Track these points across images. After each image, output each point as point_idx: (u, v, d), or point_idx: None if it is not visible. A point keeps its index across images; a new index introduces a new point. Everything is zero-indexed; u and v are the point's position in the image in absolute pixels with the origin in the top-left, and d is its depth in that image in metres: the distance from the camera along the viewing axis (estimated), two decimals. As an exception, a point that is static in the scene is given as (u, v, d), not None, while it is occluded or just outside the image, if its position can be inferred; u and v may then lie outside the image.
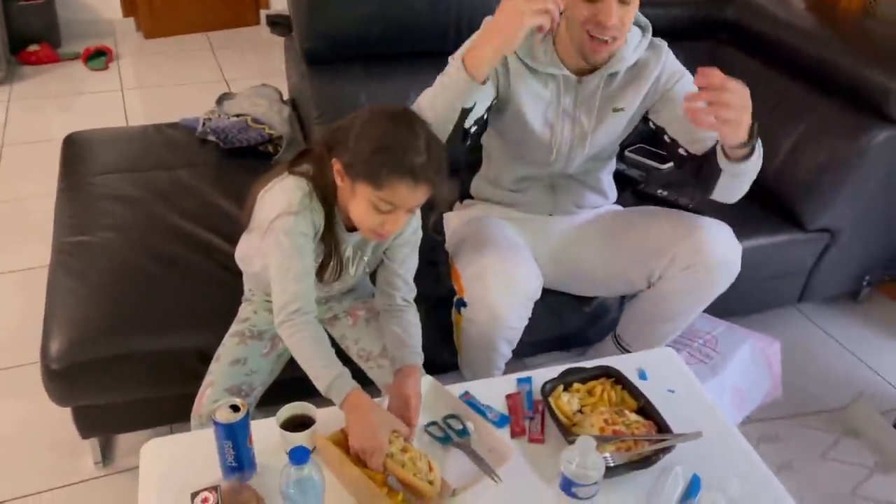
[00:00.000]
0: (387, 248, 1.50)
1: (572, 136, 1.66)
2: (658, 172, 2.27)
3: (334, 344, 1.59)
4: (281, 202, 1.36)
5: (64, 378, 1.54)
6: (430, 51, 2.24)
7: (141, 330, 1.61)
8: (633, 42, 1.59)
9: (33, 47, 4.01)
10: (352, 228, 1.42)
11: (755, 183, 2.28)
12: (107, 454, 1.80)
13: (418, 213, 1.46)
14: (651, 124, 1.70)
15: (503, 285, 1.56)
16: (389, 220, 1.32)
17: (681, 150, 1.65)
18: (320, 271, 1.44)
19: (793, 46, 2.28)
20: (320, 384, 1.32)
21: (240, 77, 3.99)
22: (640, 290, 1.77)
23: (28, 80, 3.86)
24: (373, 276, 1.58)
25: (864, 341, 2.34)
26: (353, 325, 1.61)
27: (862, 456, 1.94)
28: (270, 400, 1.50)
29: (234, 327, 1.58)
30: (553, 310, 1.85)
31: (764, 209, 2.17)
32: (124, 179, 2.10)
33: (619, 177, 1.96)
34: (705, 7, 2.48)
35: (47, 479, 1.75)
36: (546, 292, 1.70)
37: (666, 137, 1.67)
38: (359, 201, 1.32)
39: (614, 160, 1.84)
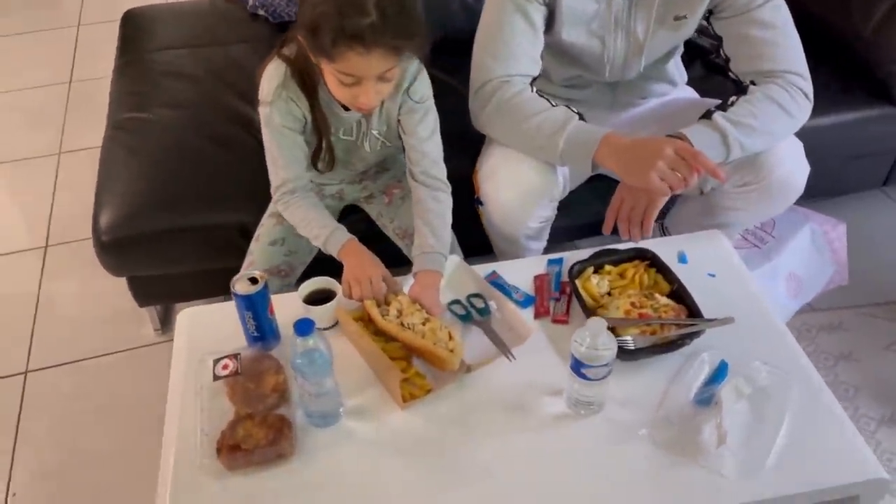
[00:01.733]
0: (399, 117, 1.41)
1: (627, 48, 1.49)
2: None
3: (371, 223, 1.60)
4: (261, 90, 1.35)
5: (114, 250, 1.62)
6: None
7: (186, 205, 1.65)
8: None
9: (108, -76, 4.01)
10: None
11: (840, 51, 2.05)
12: (166, 322, 1.91)
13: (425, 76, 1.37)
14: (710, 29, 1.48)
15: (513, 187, 1.46)
16: (361, 93, 1.23)
17: (731, 74, 1.47)
18: (313, 160, 1.43)
19: None
20: (319, 241, 1.37)
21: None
22: (692, 194, 1.63)
23: (104, -41, 3.88)
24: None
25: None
26: (389, 203, 1.59)
27: (932, 350, 1.82)
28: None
29: (271, 207, 1.58)
30: (601, 195, 1.76)
31: (849, 80, 1.97)
32: (179, 56, 2.10)
33: (687, 45, 1.74)
34: None
35: (111, 342, 1.88)
36: (596, 178, 1.62)
37: (722, 52, 1.47)
38: (327, 76, 1.25)
39: (681, 47, 1.65)
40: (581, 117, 1.41)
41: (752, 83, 1.43)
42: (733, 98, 1.41)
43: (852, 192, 2.20)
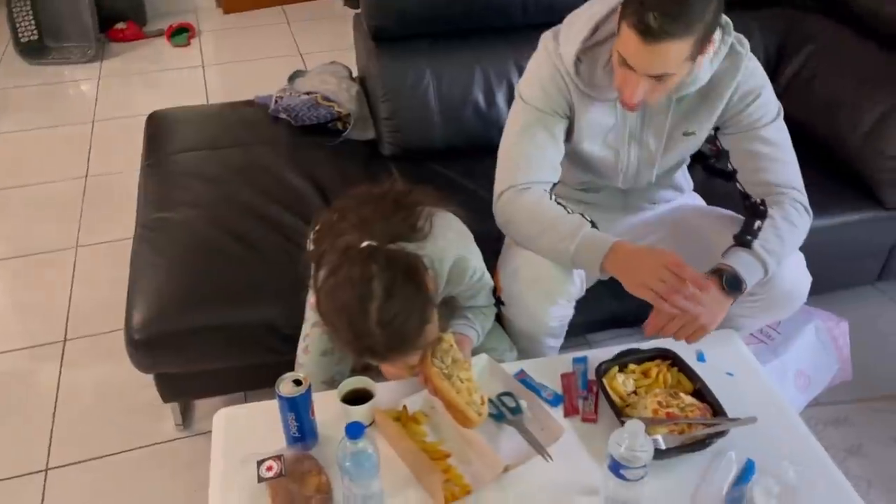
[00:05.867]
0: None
1: (639, 160, 1.61)
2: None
3: None
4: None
5: (145, 347, 1.65)
6: (496, 26, 2.24)
7: (214, 303, 1.70)
8: (708, 57, 1.42)
9: (120, 25, 4.18)
10: None
11: (832, 158, 2.18)
12: (186, 417, 1.92)
13: (475, 267, 1.44)
14: (718, 143, 1.60)
15: (536, 287, 1.53)
16: (387, 372, 1.35)
17: (738, 186, 1.59)
18: None
19: (884, 16, 2.16)
20: None
21: (314, 51, 4.06)
22: None
23: (116, 58, 4.02)
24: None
25: (948, 323, 2.24)
26: None
27: (937, 442, 1.87)
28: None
29: (313, 315, 1.57)
30: (614, 293, 1.82)
31: (842, 185, 2.11)
32: (203, 157, 2.18)
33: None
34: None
35: (132, 438, 1.89)
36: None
37: (728, 165, 1.59)
38: None
39: (688, 158, 1.74)
40: (594, 225, 1.49)
41: (763, 202, 1.52)
42: (758, 223, 1.49)
43: (845, 287, 2.30)
